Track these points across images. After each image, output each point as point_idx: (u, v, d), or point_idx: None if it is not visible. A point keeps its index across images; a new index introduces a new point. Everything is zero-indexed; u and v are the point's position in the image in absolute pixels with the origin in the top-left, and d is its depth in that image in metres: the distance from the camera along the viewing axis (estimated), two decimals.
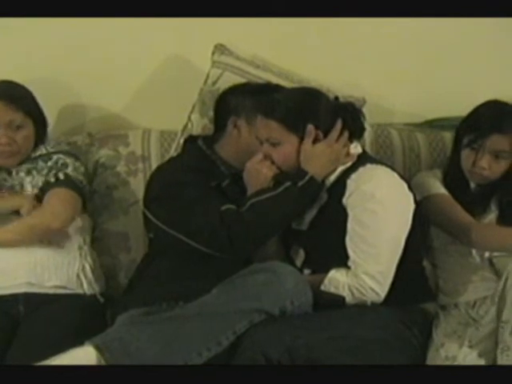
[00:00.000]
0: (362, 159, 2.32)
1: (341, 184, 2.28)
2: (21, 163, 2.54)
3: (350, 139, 2.33)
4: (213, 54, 2.76)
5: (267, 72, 2.75)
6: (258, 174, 2.32)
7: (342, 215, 2.25)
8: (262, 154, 2.32)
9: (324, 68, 2.73)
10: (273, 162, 2.32)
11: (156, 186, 2.43)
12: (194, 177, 2.38)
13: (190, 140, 2.59)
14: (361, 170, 2.27)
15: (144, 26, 2.77)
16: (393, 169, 2.34)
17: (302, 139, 2.28)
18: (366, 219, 2.21)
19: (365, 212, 2.21)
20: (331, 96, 2.37)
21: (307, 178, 2.26)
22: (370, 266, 2.20)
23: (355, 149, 2.34)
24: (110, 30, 2.77)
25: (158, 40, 2.82)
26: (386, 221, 2.22)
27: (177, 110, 2.72)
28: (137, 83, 2.89)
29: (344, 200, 2.25)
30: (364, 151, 2.39)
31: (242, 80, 2.67)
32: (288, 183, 2.28)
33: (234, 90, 2.53)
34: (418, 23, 2.77)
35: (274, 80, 2.69)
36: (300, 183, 2.27)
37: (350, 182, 2.26)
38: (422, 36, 2.85)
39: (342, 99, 2.38)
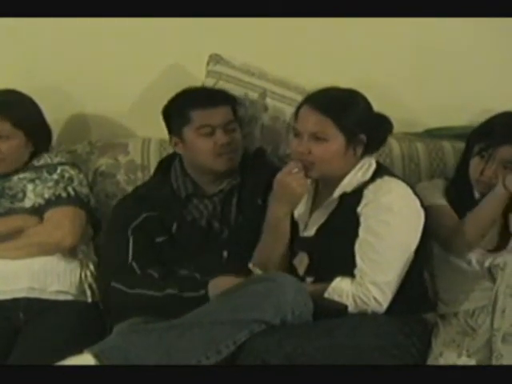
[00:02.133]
0: (380, 171, 2.33)
1: (357, 193, 2.29)
2: (17, 171, 2.57)
3: (368, 152, 2.34)
4: (208, 63, 2.76)
5: (262, 80, 2.75)
6: (287, 187, 2.30)
7: (353, 224, 2.26)
8: (293, 166, 2.30)
9: (321, 75, 2.72)
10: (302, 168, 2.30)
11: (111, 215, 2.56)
12: (133, 210, 2.46)
13: (166, 160, 2.61)
14: (379, 181, 2.29)
15: (144, 36, 2.79)
16: (407, 183, 2.35)
17: (348, 140, 2.28)
18: (379, 230, 2.22)
19: (379, 223, 2.23)
20: None
21: (202, 293, 2.29)
22: (377, 275, 2.21)
23: (370, 163, 2.35)
24: (111, 39, 2.79)
25: (158, 50, 2.82)
26: (399, 234, 2.24)
27: None
28: (137, 92, 2.90)
29: (359, 209, 2.26)
30: (379, 163, 2.40)
31: (237, 88, 2.68)
32: (174, 291, 2.30)
33: (167, 108, 2.56)
34: (418, 33, 2.78)
35: (270, 87, 2.71)
36: (187, 294, 2.29)
37: (367, 193, 2.27)
38: (423, 46, 2.86)
39: None
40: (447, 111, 2.88)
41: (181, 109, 2.49)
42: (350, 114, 2.28)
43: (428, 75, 2.89)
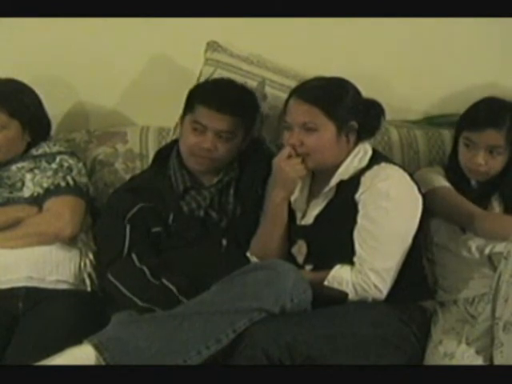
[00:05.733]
0: (376, 158, 2.34)
1: (354, 180, 2.29)
2: (15, 161, 2.56)
3: (362, 139, 2.35)
4: (205, 51, 2.75)
5: (261, 68, 2.73)
6: (281, 172, 2.32)
7: (352, 211, 2.26)
8: (289, 150, 2.31)
9: (321, 64, 2.72)
10: (298, 155, 2.30)
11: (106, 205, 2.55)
12: (129, 201, 2.45)
13: (164, 150, 2.60)
14: (376, 168, 2.29)
15: (142, 25, 2.76)
16: (404, 169, 2.36)
17: (338, 129, 2.28)
18: (377, 216, 2.23)
19: (377, 209, 2.23)
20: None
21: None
22: (376, 262, 2.22)
23: (365, 149, 2.36)
24: (109, 28, 2.77)
25: (156, 38, 2.81)
26: (397, 220, 2.25)
27: (175, 108, 2.70)
28: (135, 81, 2.89)
29: (357, 196, 2.27)
30: (375, 150, 2.40)
31: (236, 77, 2.65)
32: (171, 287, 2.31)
33: (192, 89, 2.55)
34: (417, 20, 2.76)
35: (269, 76, 2.69)
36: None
37: (365, 180, 2.27)
38: (421, 33, 2.84)
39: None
40: (446, 99, 2.89)
41: (194, 97, 2.48)
42: (339, 102, 2.29)
43: (427, 63, 2.88)
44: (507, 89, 2.67)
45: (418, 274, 2.37)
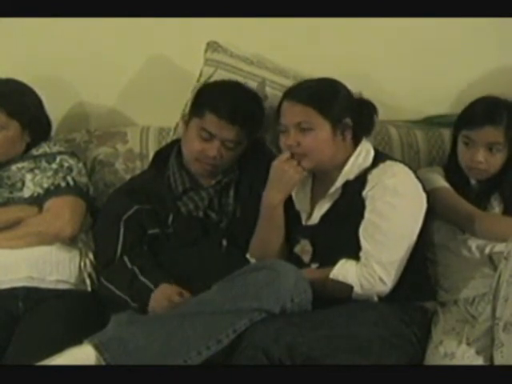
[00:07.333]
0: (380, 156, 2.36)
1: (360, 179, 2.30)
2: (15, 161, 2.56)
3: (358, 137, 2.36)
4: (205, 51, 2.75)
5: (261, 69, 2.73)
6: (284, 173, 2.32)
7: (359, 208, 2.28)
8: (288, 154, 2.32)
9: (320, 64, 2.73)
10: (295, 158, 2.31)
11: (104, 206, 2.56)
12: (126, 203, 2.45)
13: (164, 151, 2.60)
14: (382, 165, 2.31)
15: (142, 25, 2.76)
16: (409, 167, 2.37)
17: (333, 128, 2.30)
18: (385, 211, 2.25)
19: (385, 204, 2.25)
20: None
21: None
22: (382, 255, 2.23)
23: (367, 149, 2.37)
24: (109, 28, 2.77)
25: (155, 38, 2.81)
26: (404, 215, 2.27)
27: (175, 108, 2.71)
28: (135, 80, 2.89)
29: (364, 193, 2.28)
30: (376, 149, 2.41)
31: (236, 78, 2.65)
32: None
33: (202, 89, 2.56)
34: (417, 20, 2.76)
35: (270, 76, 2.69)
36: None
37: (372, 177, 2.29)
38: (421, 33, 2.84)
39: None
40: (446, 99, 2.89)
41: (203, 100, 2.47)
42: (332, 100, 2.31)
43: (427, 63, 2.88)
44: (506, 89, 2.66)
45: (420, 274, 2.36)
